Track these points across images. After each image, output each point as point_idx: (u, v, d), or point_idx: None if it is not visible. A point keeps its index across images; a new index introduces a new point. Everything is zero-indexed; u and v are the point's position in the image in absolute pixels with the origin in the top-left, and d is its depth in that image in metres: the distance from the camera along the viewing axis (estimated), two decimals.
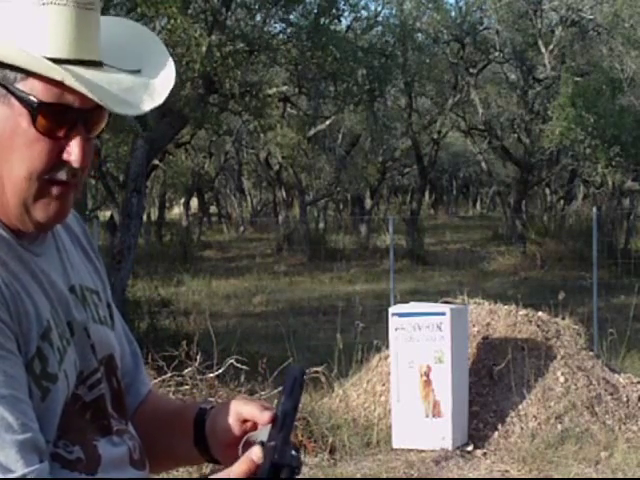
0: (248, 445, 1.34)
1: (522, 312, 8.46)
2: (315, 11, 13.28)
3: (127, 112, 1.35)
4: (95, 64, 1.35)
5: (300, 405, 1.34)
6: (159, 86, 1.40)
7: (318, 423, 7.43)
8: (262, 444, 1.29)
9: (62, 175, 1.34)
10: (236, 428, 1.42)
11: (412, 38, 20.36)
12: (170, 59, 1.43)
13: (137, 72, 1.39)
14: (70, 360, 1.37)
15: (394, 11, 21.55)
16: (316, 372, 8.12)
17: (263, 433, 1.31)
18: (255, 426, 1.38)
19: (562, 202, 28.45)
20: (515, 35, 22.52)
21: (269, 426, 1.31)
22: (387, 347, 7.92)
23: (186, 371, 7.60)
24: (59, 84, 1.30)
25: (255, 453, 1.32)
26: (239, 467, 1.32)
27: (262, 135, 19.28)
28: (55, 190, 1.35)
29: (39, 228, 1.38)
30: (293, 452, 1.28)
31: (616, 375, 8.24)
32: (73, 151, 1.33)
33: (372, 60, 14.78)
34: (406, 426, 7.41)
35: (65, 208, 1.38)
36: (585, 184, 26.73)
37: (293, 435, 1.37)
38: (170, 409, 1.63)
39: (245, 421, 1.41)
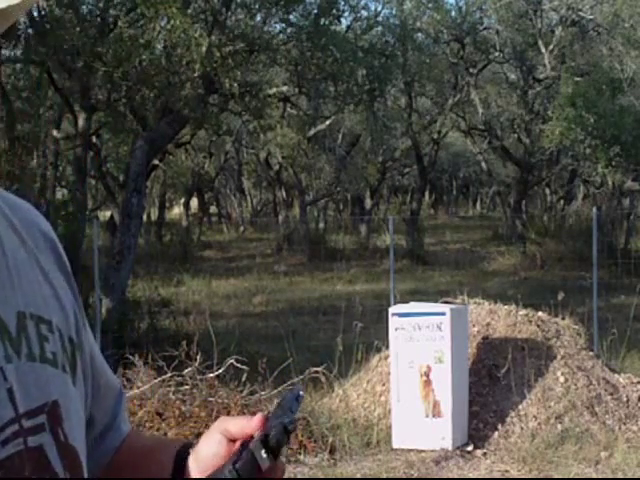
0: None
1: (522, 312, 8.46)
2: (315, 11, 13.27)
3: None
4: None
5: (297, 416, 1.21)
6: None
7: (318, 423, 7.43)
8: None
9: None
10: (224, 449, 1.21)
11: (412, 38, 20.35)
12: None
13: None
14: None
15: (394, 11, 21.57)
16: (316, 372, 8.12)
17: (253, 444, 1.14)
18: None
19: (562, 202, 28.44)
20: (515, 35, 22.53)
21: (259, 435, 1.14)
22: (387, 347, 7.92)
23: (186, 371, 7.60)
24: None
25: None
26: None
27: (262, 135, 19.28)
28: None
29: None
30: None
31: (616, 375, 8.24)
32: None
33: (372, 60, 14.76)
34: (406, 426, 7.41)
35: None
36: (585, 184, 26.73)
37: (293, 435, 1.30)
38: (149, 444, 1.39)
39: (233, 441, 1.20)
